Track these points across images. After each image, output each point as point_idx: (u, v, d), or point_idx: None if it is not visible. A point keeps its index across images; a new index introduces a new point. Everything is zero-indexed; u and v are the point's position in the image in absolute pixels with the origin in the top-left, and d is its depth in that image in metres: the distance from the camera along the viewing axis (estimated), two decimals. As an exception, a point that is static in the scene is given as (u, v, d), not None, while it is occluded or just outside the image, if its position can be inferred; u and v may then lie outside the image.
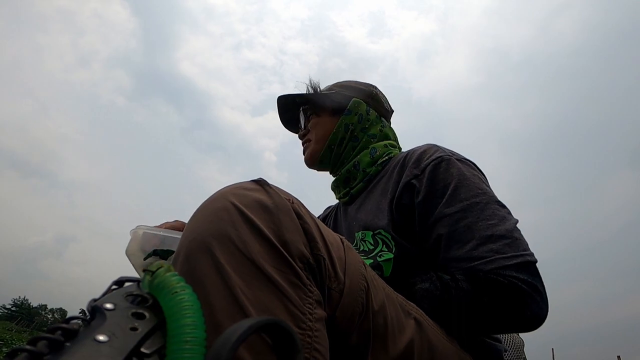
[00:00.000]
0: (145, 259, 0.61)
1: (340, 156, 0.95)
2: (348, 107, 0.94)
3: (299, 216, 0.42)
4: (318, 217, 1.13)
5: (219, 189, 0.43)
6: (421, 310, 0.57)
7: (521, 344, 1.21)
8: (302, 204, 0.44)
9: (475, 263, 0.62)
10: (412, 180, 0.74)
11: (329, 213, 1.08)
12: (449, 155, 0.75)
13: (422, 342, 0.52)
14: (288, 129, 1.10)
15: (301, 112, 1.02)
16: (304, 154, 1.02)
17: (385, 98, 1.03)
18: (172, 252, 0.59)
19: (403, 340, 0.49)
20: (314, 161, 0.98)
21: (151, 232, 0.60)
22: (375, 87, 1.03)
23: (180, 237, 0.60)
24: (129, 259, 0.63)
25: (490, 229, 0.64)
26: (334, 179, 0.99)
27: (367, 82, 1.03)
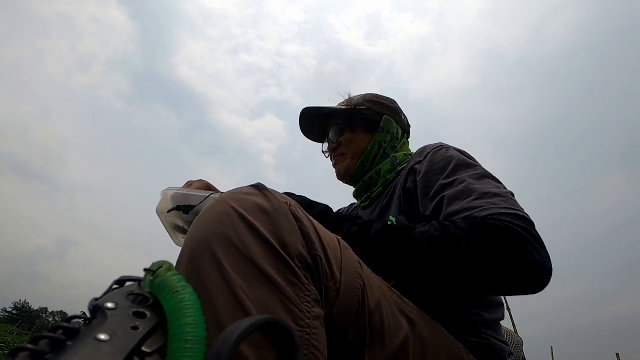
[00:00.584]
0: (168, 211, 0.72)
1: (369, 171, 0.98)
2: (381, 125, 0.98)
3: (297, 218, 0.43)
4: (341, 209, 1.12)
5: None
6: (415, 308, 0.58)
7: (520, 343, 1.21)
8: (299, 206, 0.46)
9: (472, 212, 0.64)
10: (415, 166, 0.83)
11: (351, 212, 1.10)
12: (449, 145, 0.84)
13: (415, 339, 0.53)
14: (307, 137, 1.11)
15: (334, 126, 1.02)
16: (334, 167, 1.03)
17: (403, 112, 1.07)
18: (193, 206, 0.70)
19: (399, 338, 0.51)
20: (348, 175, 1.00)
21: (180, 192, 0.72)
22: (395, 102, 1.07)
23: (205, 195, 0.69)
24: (159, 217, 0.75)
25: (487, 189, 0.68)
26: (354, 188, 1.02)
27: (389, 96, 1.07)
